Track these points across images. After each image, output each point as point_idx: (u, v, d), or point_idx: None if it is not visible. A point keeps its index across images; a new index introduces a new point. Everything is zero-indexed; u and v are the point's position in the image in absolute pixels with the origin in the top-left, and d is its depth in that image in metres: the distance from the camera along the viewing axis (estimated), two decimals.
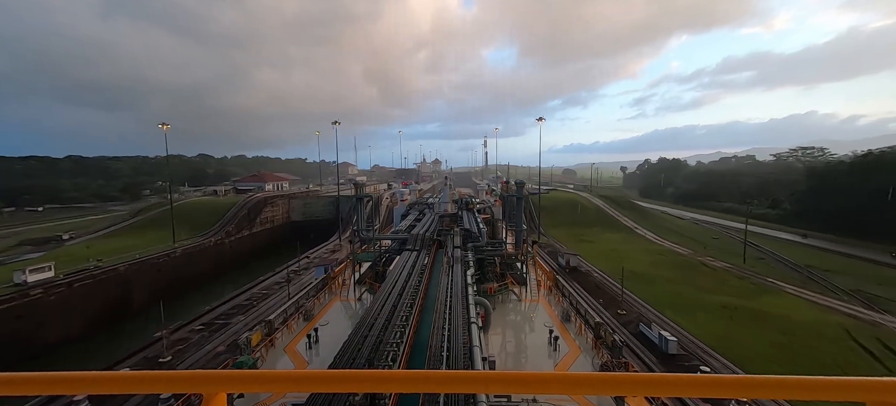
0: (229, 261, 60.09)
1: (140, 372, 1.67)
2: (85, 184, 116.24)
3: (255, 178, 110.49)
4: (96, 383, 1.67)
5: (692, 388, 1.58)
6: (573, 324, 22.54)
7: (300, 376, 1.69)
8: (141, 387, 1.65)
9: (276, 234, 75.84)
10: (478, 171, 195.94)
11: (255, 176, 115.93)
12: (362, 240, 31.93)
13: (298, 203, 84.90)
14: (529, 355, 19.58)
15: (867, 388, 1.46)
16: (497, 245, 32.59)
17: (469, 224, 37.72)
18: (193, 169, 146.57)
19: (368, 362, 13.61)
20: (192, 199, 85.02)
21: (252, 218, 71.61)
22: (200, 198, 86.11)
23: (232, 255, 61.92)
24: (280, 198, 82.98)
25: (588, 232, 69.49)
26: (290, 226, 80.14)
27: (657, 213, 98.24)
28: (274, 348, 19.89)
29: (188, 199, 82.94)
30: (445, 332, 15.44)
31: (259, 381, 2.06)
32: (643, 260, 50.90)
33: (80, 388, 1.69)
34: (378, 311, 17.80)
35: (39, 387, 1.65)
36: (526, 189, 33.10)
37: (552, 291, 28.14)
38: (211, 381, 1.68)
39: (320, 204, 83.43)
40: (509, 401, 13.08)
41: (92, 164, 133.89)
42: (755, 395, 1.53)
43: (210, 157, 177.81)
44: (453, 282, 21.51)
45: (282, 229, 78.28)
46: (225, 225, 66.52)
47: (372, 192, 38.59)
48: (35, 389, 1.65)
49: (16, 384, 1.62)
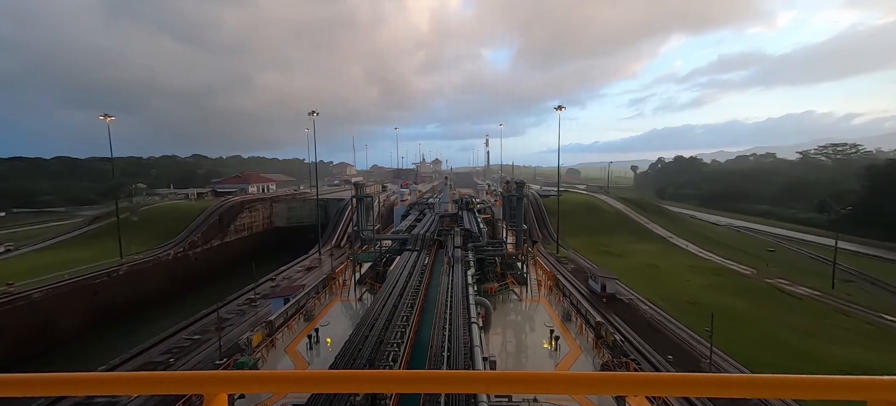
0: (191, 278, 50.59)
1: (141, 373, 1.67)
2: (67, 186, 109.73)
3: (238, 179, 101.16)
4: (96, 384, 1.67)
5: (693, 387, 1.57)
6: (574, 323, 22.54)
7: (301, 377, 1.69)
8: (141, 388, 1.65)
9: (256, 242, 67.27)
10: (479, 170, 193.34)
11: (238, 177, 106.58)
12: (362, 240, 31.94)
13: (282, 207, 76.53)
14: (530, 355, 19.57)
15: (869, 387, 1.45)
16: (497, 245, 32.59)
17: (469, 224, 37.73)
18: (184, 169, 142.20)
19: (369, 362, 13.61)
20: (166, 203, 75.71)
21: (224, 225, 62.63)
22: (172, 202, 77.27)
23: (196, 270, 52.89)
24: (260, 201, 73.98)
25: (611, 241, 60.81)
26: (273, 233, 71.95)
27: (686, 218, 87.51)
28: (274, 349, 19.90)
29: (160, 204, 74.32)
30: (446, 332, 15.44)
31: (260, 381, 2.06)
32: (696, 282, 41.20)
33: (80, 389, 1.68)
34: (379, 312, 17.80)
35: (38, 388, 1.65)
36: (534, 191, 32.46)
37: (552, 291, 28.15)
38: (212, 381, 1.68)
39: (307, 208, 74.88)
40: (510, 401, 13.08)
41: (82, 166, 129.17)
42: (757, 394, 1.53)
43: (204, 158, 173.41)
44: (454, 282, 21.50)
45: (262, 237, 69.88)
46: (190, 234, 58.08)
47: (372, 193, 37.75)
48: (34, 391, 1.65)
49: (13, 385, 1.62)
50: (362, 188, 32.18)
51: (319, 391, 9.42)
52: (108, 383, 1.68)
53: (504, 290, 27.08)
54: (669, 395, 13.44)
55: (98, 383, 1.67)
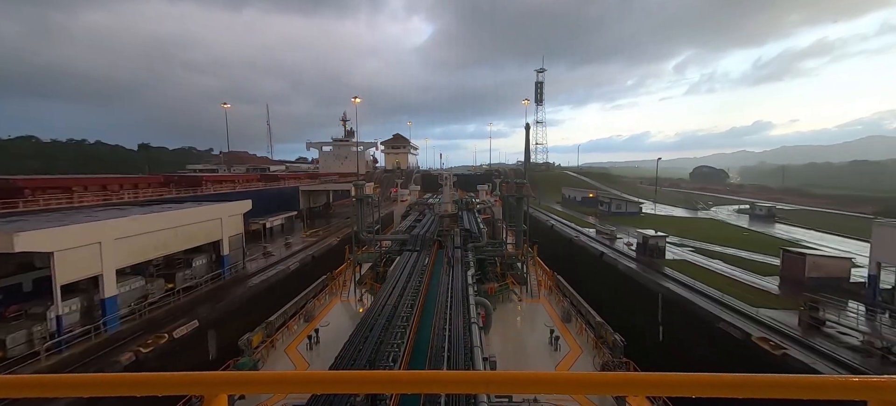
0: None
1: (140, 374, 1.66)
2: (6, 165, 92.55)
3: None
4: (96, 386, 1.67)
5: (693, 387, 1.57)
6: (574, 323, 22.55)
7: (301, 378, 1.70)
8: (140, 389, 1.65)
9: None
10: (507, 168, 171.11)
11: None
12: (362, 241, 31.94)
13: None
14: (530, 355, 19.57)
15: (870, 388, 1.45)
16: (497, 245, 32.60)
17: (469, 224, 37.74)
18: (157, 161, 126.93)
19: (369, 363, 13.61)
20: None
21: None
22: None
23: None
24: None
25: None
26: None
27: None
28: (274, 349, 19.90)
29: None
30: (446, 333, 15.44)
31: (260, 382, 2.06)
32: None
33: (79, 391, 1.68)
34: (378, 312, 17.80)
35: (35, 390, 1.65)
36: None
37: (553, 291, 28.18)
38: (212, 382, 1.67)
39: None
40: (510, 401, 13.08)
41: (56, 149, 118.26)
42: (758, 394, 1.53)
43: (192, 151, 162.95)
44: (454, 282, 21.50)
45: None
46: None
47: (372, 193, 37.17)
48: (31, 392, 1.64)
49: (13, 386, 1.62)
50: (362, 189, 32.11)
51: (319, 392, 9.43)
52: (106, 385, 1.67)
53: (504, 290, 27.09)
54: (669, 395, 13.44)
55: (96, 385, 1.66)
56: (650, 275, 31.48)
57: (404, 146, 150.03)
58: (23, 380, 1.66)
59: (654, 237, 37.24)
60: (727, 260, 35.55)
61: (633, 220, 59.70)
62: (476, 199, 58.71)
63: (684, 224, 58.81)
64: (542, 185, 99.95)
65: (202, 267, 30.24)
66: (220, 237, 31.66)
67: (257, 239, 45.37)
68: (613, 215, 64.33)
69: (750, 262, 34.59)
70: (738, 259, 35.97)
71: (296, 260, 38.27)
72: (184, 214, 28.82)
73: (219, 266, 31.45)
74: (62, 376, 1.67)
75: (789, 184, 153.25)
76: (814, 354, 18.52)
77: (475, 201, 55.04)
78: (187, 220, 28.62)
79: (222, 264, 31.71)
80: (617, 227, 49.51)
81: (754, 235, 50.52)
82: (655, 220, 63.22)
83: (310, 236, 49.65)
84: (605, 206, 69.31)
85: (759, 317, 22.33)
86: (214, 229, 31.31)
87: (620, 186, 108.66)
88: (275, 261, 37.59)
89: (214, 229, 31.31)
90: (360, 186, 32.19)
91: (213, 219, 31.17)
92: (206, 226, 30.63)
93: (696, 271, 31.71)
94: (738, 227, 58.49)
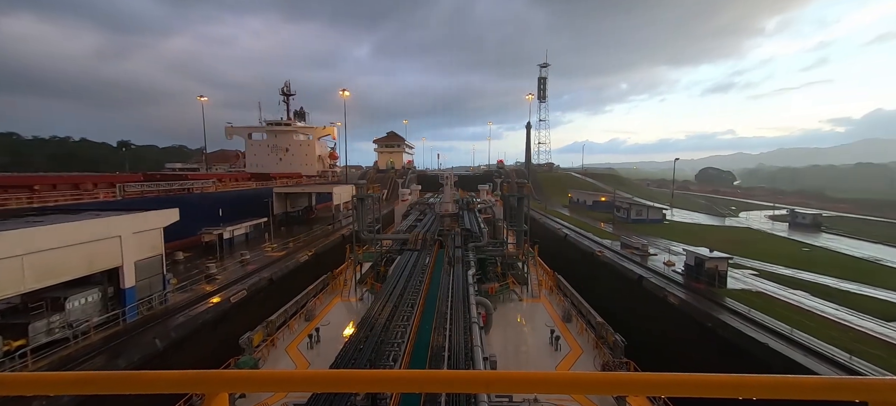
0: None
1: (141, 372, 1.67)
2: None
3: None
4: (98, 383, 1.67)
5: (693, 387, 1.57)
6: (574, 323, 22.53)
7: (302, 376, 1.70)
8: (142, 387, 1.65)
9: None
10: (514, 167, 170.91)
11: None
12: (363, 241, 31.92)
13: None
14: (531, 355, 19.56)
15: (870, 388, 1.45)
16: (498, 245, 32.56)
17: (470, 224, 37.72)
18: (141, 159, 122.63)
19: (370, 362, 13.61)
20: None
21: None
22: None
23: None
24: None
25: None
26: None
27: None
28: (275, 348, 19.91)
29: None
30: (447, 332, 15.44)
31: (261, 381, 2.06)
32: None
33: (79, 389, 1.69)
34: (379, 312, 17.80)
35: (36, 388, 1.66)
36: None
37: (553, 291, 28.16)
38: (213, 381, 1.68)
39: None
40: (511, 401, 13.08)
41: (33, 146, 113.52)
42: (757, 395, 1.52)
43: (183, 148, 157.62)
44: (454, 282, 21.48)
45: None
46: None
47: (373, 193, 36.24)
48: (32, 390, 1.65)
49: (13, 385, 1.63)
50: (363, 189, 32.09)
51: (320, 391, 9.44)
52: (107, 382, 1.68)
53: (505, 290, 27.06)
54: (669, 395, 13.43)
55: (97, 382, 1.67)
56: (718, 314, 23.33)
57: (399, 144, 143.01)
58: (22, 378, 1.66)
59: (712, 258, 28.54)
60: (812, 290, 26.60)
61: (657, 229, 52.05)
62: (477, 199, 58.68)
63: (721, 235, 50.30)
64: (547, 188, 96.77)
65: (87, 307, 20.82)
66: (120, 263, 22.28)
67: (212, 253, 37.44)
68: (633, 223, 57.46)
69: (853, 298, 25.22)
70: (827, 290, 26.59)
71: (244, 285, 28.60)
72: (47, 234, 19.00)
73: (119, 303, 22.28)
74: (64, 374, 1.68)
75: (801, 187, 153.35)
76: None
77: (476, 201, 55.01)
78: (51, 243, 18.83)
79: (124, 300, 22.43)
80: (644, 238, 42.14)
81: (819, 253, 40.55)
82: (683, 229, 55.02)
83: (275, 250, 39.67)
84: (623, 212, 61.42)
85: None
86: (107, 252, 21.84)
87: (627, 189, 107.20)
88: (218, 287, 27.97)
89: (107, 252, 21.84)
90: (360, 186, 32.23)
91: (102, 238, 21.55)
92: (90, 248, 20.91)
93: (782, 310, 22.94)
94: (790, 239, 49.43)
